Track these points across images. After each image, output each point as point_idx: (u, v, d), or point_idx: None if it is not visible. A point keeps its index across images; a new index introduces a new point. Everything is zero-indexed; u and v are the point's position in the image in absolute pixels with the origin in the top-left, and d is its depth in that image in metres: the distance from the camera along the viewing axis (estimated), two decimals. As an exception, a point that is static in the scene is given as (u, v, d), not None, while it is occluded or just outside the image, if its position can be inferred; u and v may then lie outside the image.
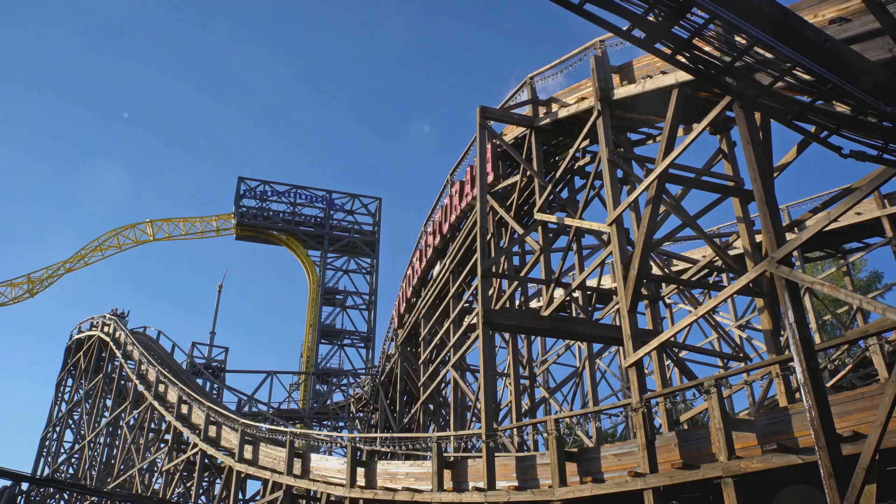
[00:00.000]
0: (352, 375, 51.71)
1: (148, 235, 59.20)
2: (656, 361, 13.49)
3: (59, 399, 50.10)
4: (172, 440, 31.41)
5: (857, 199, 9.23)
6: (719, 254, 15.43)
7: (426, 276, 27.68)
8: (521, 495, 13.55)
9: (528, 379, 21.79)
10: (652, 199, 13.43)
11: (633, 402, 12.34)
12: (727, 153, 15.72)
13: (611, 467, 12.45)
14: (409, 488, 16.42)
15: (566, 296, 17.04)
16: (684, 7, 6.32)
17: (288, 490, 21.36)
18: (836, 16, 9.79)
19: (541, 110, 18.48)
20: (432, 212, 26.13)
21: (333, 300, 56.20)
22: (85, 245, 59.87)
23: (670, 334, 13.11)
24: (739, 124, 11.49)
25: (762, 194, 10.63)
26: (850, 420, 9.23)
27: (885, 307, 8.81)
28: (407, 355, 30.25)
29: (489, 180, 19.27)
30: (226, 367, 50.51)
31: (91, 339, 46.38)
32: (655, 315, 16.27)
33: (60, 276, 60.07)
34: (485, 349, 15.94)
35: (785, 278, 9.67)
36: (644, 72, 14.79)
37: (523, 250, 21.70)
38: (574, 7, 6.30)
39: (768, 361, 12.54)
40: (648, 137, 17.88)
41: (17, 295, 58.83)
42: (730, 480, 10.15)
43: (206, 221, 58.95)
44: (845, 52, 7.07)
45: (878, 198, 20.95)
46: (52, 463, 45.97)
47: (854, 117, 7.35)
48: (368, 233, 58.48)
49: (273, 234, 57.29)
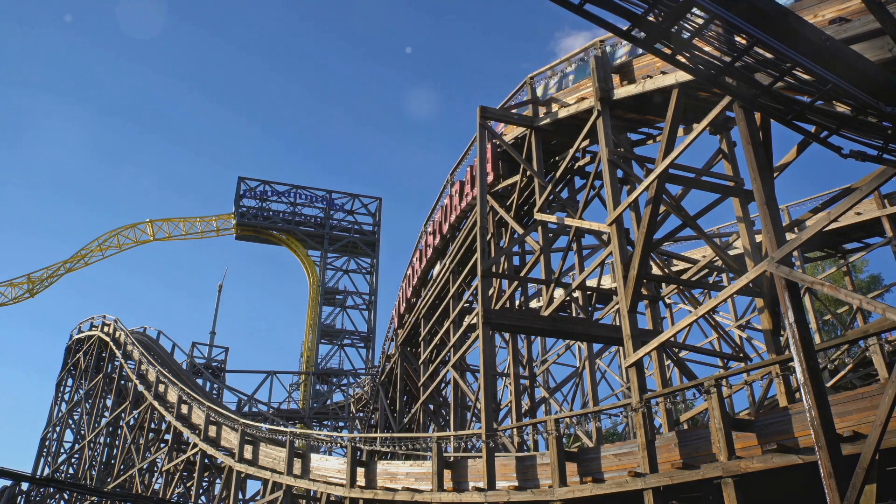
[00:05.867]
0: (352, 375, 51.73)
1: (148, 235, 59.20)
2: (656, 361, 13.49)
3: (59, 399, 50.07)
4: (172, 440, 31.41)
5: (857, 199, 9.22)
6: (719, 254, 15.43)
7: (426, 276, 27.68)
8: (521, 495, 13.55)
9: (528, 379, 21.79)
10: (652, 199, 13.43)
11: (633, 402, 12.35)
12: (727, 153, 15.71)
13: (611, 467, 12.45)
14: (409, 488, 16.41)
15: (566, 296, 17.04)
16: (684, 7, 6.32)
17: (288, 490, 21.36)
18: (836, 16, 9.78)
19: (541, 110, 18.49)
20: (432, 212, 26.14)
21: (333, 300, 56.20)
22: (85, 245, 59.93)
23: (670, 334, 13.10)
24: (739, 124, 11.48)
25: (762, 194, 10.62)
26: (850, 420, 9.23)
27: (885, 307, 8.80)
28: (407, 355, 30.24)
29: (489, 180, 19.27)
30: (226, 367, 50.55)
31: (91, 339, 46.37)
32: (655, 315, 16.27)
33: (60, 276, 60.06)
34: (485, 349, 15.94)
35: (785, 278, 9.67)
36: (644, 72, 14.79)
37: (523, 250, 21.70)
38: (574, 7, 6.30)
39: (768, 361, 12.55)
40: (648, 137, 17.88)
41: (17, 295, 58.82)
42: (730, 480, 10.15)
43: (206, 221, 58.95)
44: (845, 52, 7.08)
45: (878, 198, 20.95)
46: (52, 463, 45.93)
47: (854, 117, 7.36)
48: (368, 233, 58.48)
49: (273, 234, 57.30)
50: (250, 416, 41.79)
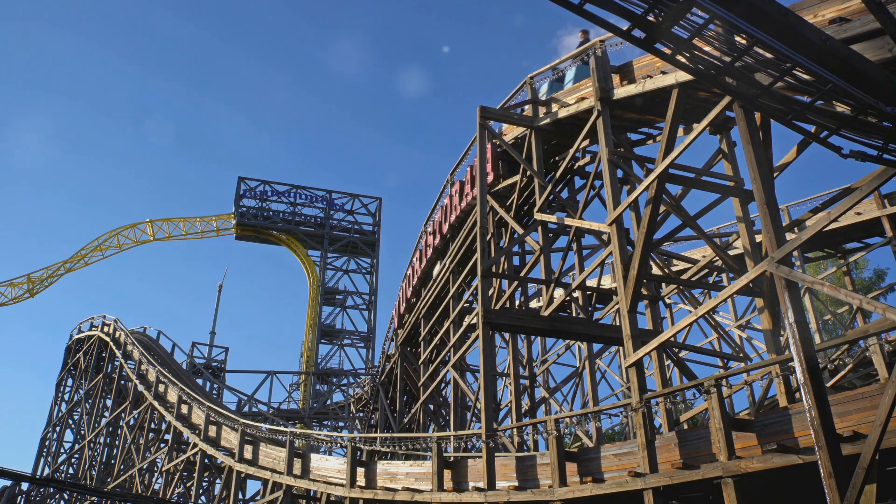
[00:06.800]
0: (352, 375, 51.71)
1: (148, 235, 59.19)
2: (656, 361, 13.48)
3: (59, 399, 50.06)
4: (172, 440, 31.40)
5: (857, 199, 9.22)
6: (719, 254, 15.42)
7: (426, 276, 27.67)
8: (521, 495, 13.55)
9: (528, 379, 21.78)
10: (652, 199, 13.42)
11: (633, 402, 12.34)
12: (727, 153, 15.70)
13: (611, 467, 12.45)
14: (409, 488, 16.41)
15: (566, 296, 17.03)
16: (684, 7, 6.31)
17: (288, 490, 21.36)
18: (836, 16, 9.78)
19: (541, 110, 18.48)
20: (432, 212, 26.13)
21: (333, 300, 56.19)
22: (85, 245, 59.93)
23: (670, 334, 13.10)
24: (739, 124, 11.48)
25: (762, 194, 10.62)
26: (850, 420, 9.23)
27: (885, 307, 8.80)
28: (407, 355, 30.23)
29: (489, 180, 19.26)
30: (226, 367, 50.54)
31: (91, 339, 46.36)
32: (655, 315, 16.26)
33: (60, 276, 60.06)
34: (485, 349, 15.93)
35: (785, 278, 9.67)
36: (644, 72, 14.78)
37: (523, 250, 21.69)
38: (574, 7, 6.29)
39: (768, 361, 12.54)
40: (648, 137, 17.87)
41: (17, 295, 58.82)
42: (730, 480, 10.14)
43: (206, 221, 58.94)
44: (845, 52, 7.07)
45: (878, 198, 20.94)
46: (52, 463, 45.94)
47: (854, 117, 7.35)
48: (368, 233, 58.46)
49: (273, 234, 57.28)
50: (250, 416, 41.78)
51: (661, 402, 13.64)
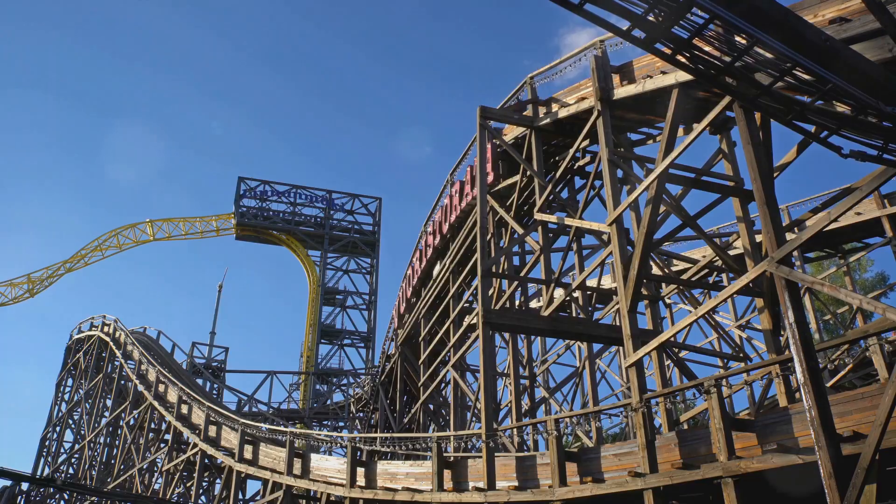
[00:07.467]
0: (352, 375, 51.71)
1: (148, 235, 59.20)
2: (656, 361, 13.48)
3: (59, 399, 50.05)
4: (172, 440, 31.39)
5: (857, 199, 9.23)
6: (719, 254, 15.43)
7: (426, 276, 27.67)
8: (521, 495, 13.55)
9: (528, 379, 21.77)
10: (652, 199, 13.42)
11: (633, 402, 12.34)
12: (727, 153, 15.70)
13: (611, 467, 12.45)
14: (409, 488, 16.41)
15: (566, 296, 17.03)
16: (684, 7, 6.31)
17: (288, 490, 21.35)
18: (836, 16, 9.79)
19: (541, 110, 18.48)
20: (432, 212, 26.13)
21: (333, 300, 56.19)
22: (85, 245, 59.95)
23: (670, 334, 13.11)
24: (739, 124, 11.48)
25: (762, 194, 10.62)
26: (850, 420, 9.23)
27: (885, 307, 8.81)
28: (407, 355, 30.24)
29: (489, 180, 19.26)
30: (226, 367, 50.52)
31: (91, 339, 46.35)
32: (655, 315, 16.26)
33: (60, 276, 60.10)
34: (485, 349, 15.93)
35: (785, 278, 9.67)
36: (644, 72, 14.78)
37: (523, 250, 21.69)
38: (574, 7, 6.29)
39: (768, 361, 12.55)
40: (648, 137, 17.86)
41: (17, 295, 58.85)
42: (730, 480, 10.14)
43: (206, 221, 58.95)
44: (845, 52, 7.08)
45: (878, 198, 20.94)
46: (52, 463, 45.94)
47: (854, 117, 7.35)
48: (368, 233, 58.47)
49: (273, 234, 57.28)
50: (250, 416, 41.75)
51: (661, 402, 13.64)
